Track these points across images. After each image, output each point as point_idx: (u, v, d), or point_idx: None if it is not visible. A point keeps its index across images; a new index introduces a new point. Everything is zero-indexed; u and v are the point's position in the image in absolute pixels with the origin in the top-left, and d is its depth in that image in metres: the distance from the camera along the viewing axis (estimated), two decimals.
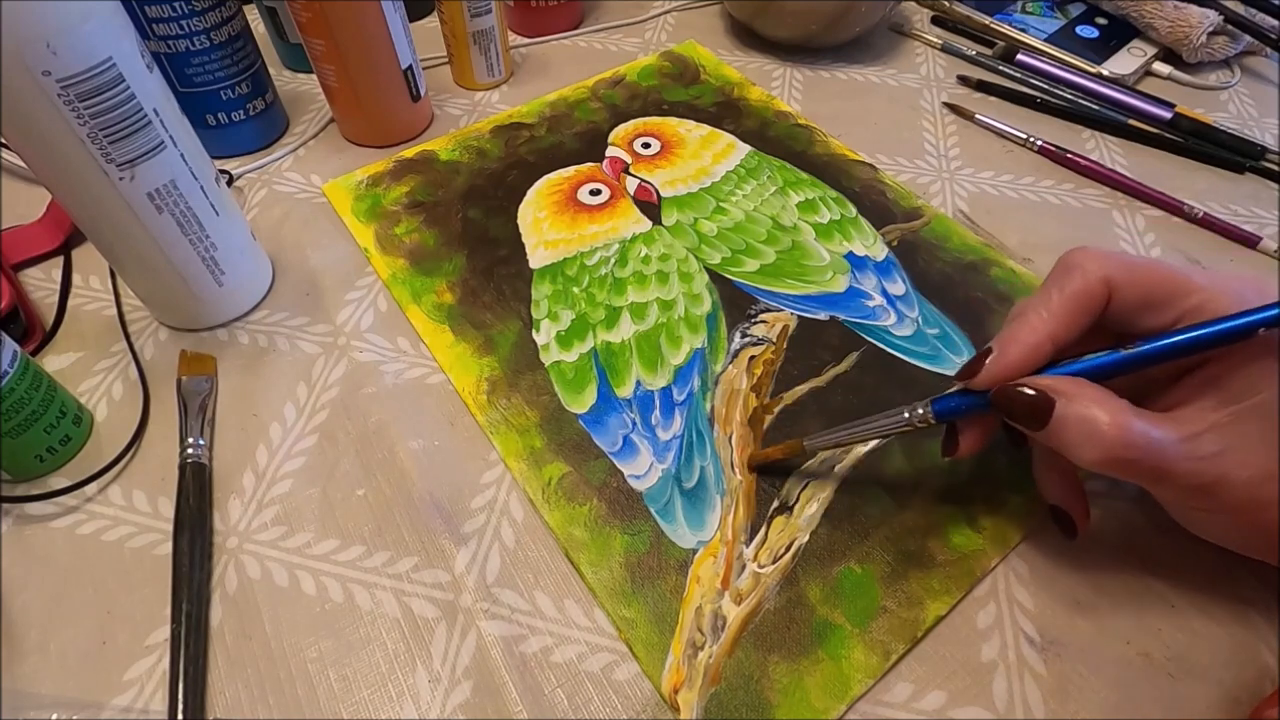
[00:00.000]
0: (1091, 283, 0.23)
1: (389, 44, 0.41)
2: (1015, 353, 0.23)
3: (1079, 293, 0.23)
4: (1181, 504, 0.23)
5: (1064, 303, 0.23)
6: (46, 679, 0.25)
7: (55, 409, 0.30)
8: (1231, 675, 0.24)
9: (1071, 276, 0.24)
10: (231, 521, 0.29)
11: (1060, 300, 0.23)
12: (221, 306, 0.35)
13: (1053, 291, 0.24)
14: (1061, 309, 0.23)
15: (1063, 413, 0.21)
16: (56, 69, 0.25)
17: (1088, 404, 0.21)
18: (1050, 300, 0.24)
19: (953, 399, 0.24)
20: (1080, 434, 0.21)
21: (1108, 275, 0.23)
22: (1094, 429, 0.21)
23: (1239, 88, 0.48)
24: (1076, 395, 0.22)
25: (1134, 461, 0.21)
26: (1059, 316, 0.23)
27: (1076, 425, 0.21)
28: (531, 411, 0.32)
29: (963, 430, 0.25)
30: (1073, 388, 0.22)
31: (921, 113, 0.47)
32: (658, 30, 0.55)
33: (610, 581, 0.27)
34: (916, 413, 0.25)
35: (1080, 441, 0.21)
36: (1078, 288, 0.23)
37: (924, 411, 0.24)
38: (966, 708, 0.24)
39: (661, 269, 0.37)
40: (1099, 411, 0.21)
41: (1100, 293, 0.23)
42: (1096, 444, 0.21)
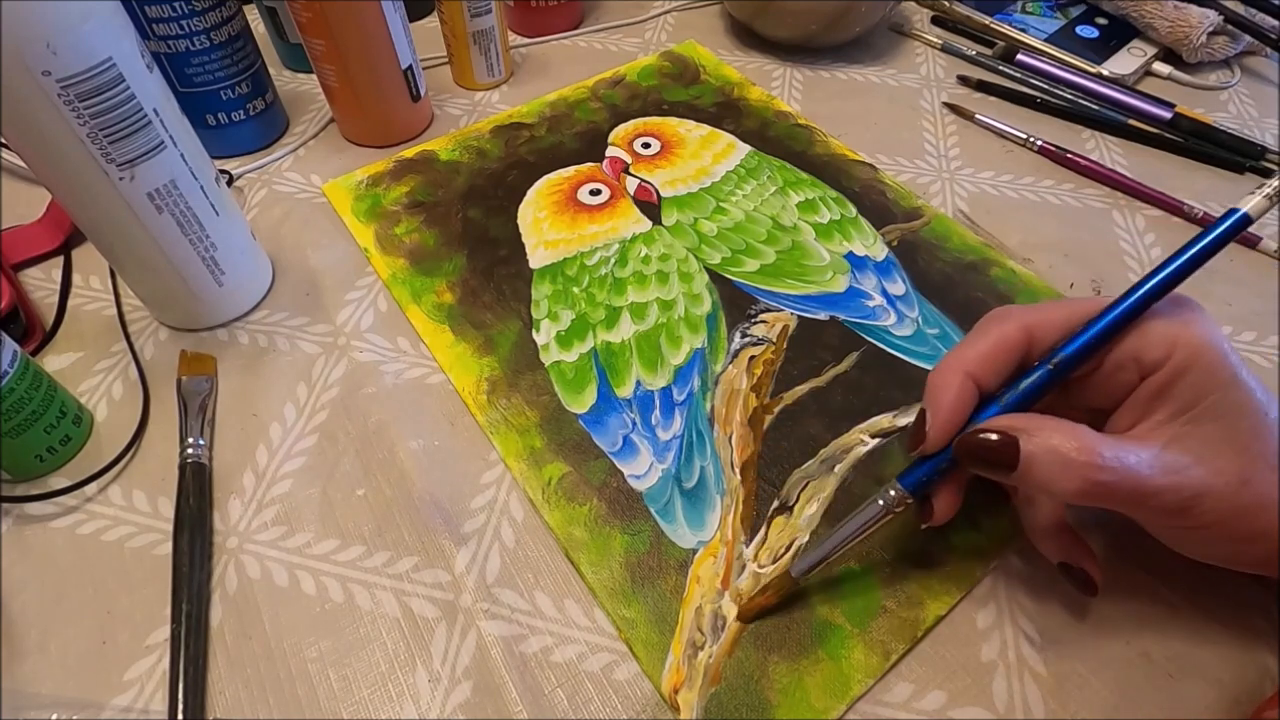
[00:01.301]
0: (1008, 328, 0.24)
1: (389, 44, 0.41)
2: (946, 399, 0.23)
3: (996, 337, 0.24)
4: (1164, 524, 0.23)
5: (982, 347, 0.24)
6: (46, 679, 0.25)
7: (55, 409, 0.30)
8: (1231, 675, 0.24)
9: (988, 325, 0.24)
10: (231, 521, 0.29)
11: (978, 346, 0.24)
12: (221, 306, 0.35)
13: (970, 340, 0.24)
14: (978, 354, 0.23)
15: (1028, 449, 0.21)
16: (56, 69, 0.25)
17: (1050, 434, 0.21)
18: (967, 348, 0.24)
19: (919, 469, 0.24)
20: (1051, 467, 0.21)
21: (1025, 323, 0.24)
22: (1064, 458, 0.21)
23: (1239, 88, 0.48)
24: (1037, 428, 0.21)
25: (1111, 485, 0.21)
26: (976, 360, 0.23)
27: (1045, 458, 0.21)
28: (531, 411, 0.32)
29: (935, 496, 0.24)
30: (1030, 422, 0.22)
31: (921, 113, 0.47)
32: (658, 30, 0.55)
33: (610, 581, 0.27)
34: (890, 496, 0.24)
35: (1053, 475, 0.21)
36: (994, 333, 0.24)
37: (897, 494, 0.24)
38: (966, 708, 0.24)
39: (661, 269, 0.37)
40: (1064, 440, 0.21)
41: (1017, 338, 0.24)
42: (1070, 473, 0.21)
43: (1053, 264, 0.37)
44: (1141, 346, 0.22)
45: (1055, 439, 0.21)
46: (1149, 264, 0.38)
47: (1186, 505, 0.21)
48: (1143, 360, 0.22)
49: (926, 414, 0.24)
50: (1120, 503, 0.21)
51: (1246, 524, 0.21)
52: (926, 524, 0.25)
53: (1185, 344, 0.22)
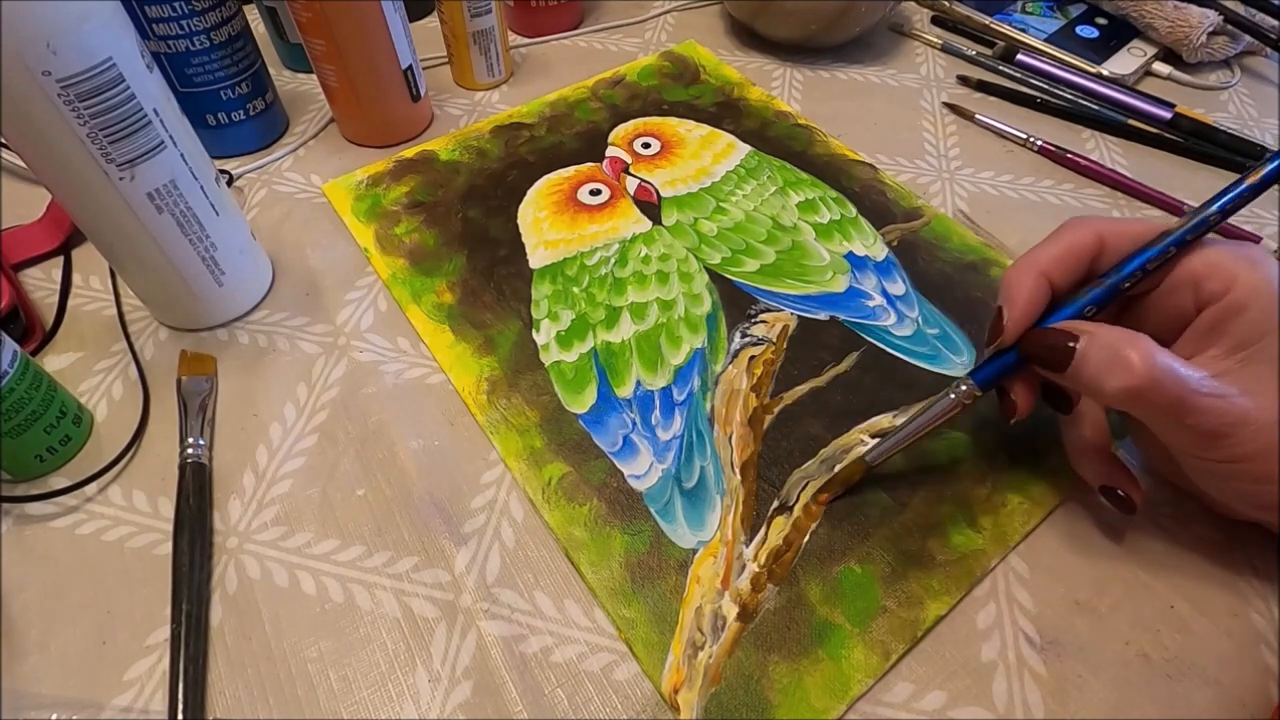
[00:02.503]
0: (1082, 233, 0.25)
1: (389, 44, 0.41)
2: (1022, 295, 0.25)
3: (1071, 241, 0.25)
4: (1195, 450, 0.23)
5: (1056, 249, 0.25)
6: (46, 679, 0.25)
7: (55, 409, 0.30)
8: (1230, 676, 0.24)
9: (1064, 230, 0.26)
10: (231, 521, 0.29)
11: (1053, 247, 0.25)
12: (221, 306, 0.35)
13: (1045, 244, 0.26)
14: (1052, 254, 0.25)
15: (1086, 347, 0.22)
16: (56, 69, 0.25)
17: (1109, 334, 0.22)
18: (1042, 249, 0.26)
19: (989, 366, 0.26)
20: (1105, 365, 0.22)
21: (1099, 231, 0.25)
22: (1120, 359, 0.21)
23: (1239, 88, 0.48)
24: (1099, 331, 0.22)
25: (1160, 391, 0.21)
26: (1049, 260, 0.25)
27: (1100, 355, 0.22)
28: (531, 411, 0.32)
29: (1013, 391, 0.26)
30: (1093, 327, 0.23)
31: (921, 113, 0.47)
32: (658, 30, 0.55)
33: (610, 581, 0.27)
34: (961, 390, 0.26)
35: (1105, 373, 0.22)
36: (1070, 237, 0.25)
37: (968, 387, 0.26)
38: (966, 708, 0.24)
39: (661, 269, 0.37)
40: (1123, 342, 0.22)
41: (1091, 242, 0.25)
42: (1123, 372, 0.21)
43: None
44: (1203, 273, 0.23)
45: (1112, 337, 0.22)
46: None
47: (1225, 431, 0.21)
48: (1201, 288, 0.23)
49: (1003, 309, 0.25)
50: (1163, 411, 0.22)
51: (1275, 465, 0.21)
52: (1012, 418, 0.26)
53: (1246, 282, 0.23)
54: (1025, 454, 0.30)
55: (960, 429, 0.31)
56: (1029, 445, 0.30)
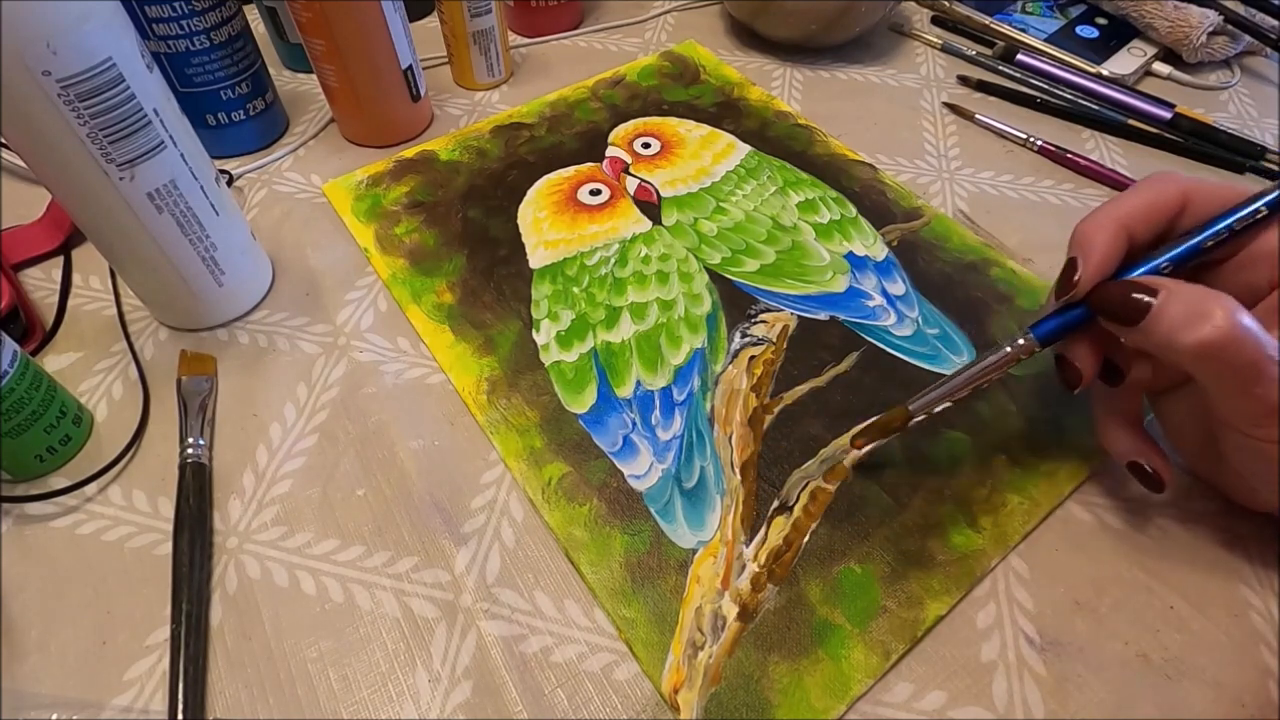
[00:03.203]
0: (1168, 188, 0.24)
1: (389, 44, 0.41)
2: (1099, 246, 0.23)
3: (1154, 195, 0.24)
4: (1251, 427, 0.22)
5: (1138, 202, 0.24)
6: (46, 679, 0.25)
7: (55, 409, 0.30)
8: (1230, 676, 0.24)
9: (1148, 183, 0.24)
10: (231, 521, 0.29)
11: (1135, 200, 0.24)
12: (221, 306, 0.35)
13: (1128, 194, 0.24)
14: (1134, 206, 0.24)
15: (1165, 300, 0.21)
16: (56, 69, 0.25)
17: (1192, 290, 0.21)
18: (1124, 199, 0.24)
19: (1051, 320, 0.24)
20: (1186, 317, 0.21)
21: (1184, 189, 0.24)
22: (1202, 311, 0.21)
23: (1239, 88, 0.48)
24: (1178, 286, 0.21)
25: (1238, 350, 0.20)
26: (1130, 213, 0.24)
27: (1180, 309, 0.21)
28: (531, 411, 0.32)
29: (1076, 357, 0.25)
30: (1171, 282, 0.22)
31: (921, 113, 0.47)
32: (658, 30, 0.55)
33: (610, 581, 0.27)
34: (1019, 344, 0.24)
35: (1185, 325, 0.21)
36: (1155, 190, 0.24)
37: (1026, 341, 0.24)
38: (966, 708, 0.24)
39: (661, 269, 0.37)
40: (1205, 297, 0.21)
41: (1174, 199, 0.24)
42: (1205, 325, 0.20)
43: (1053, 264, 0.37)
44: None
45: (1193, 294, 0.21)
46: None
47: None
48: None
49: (1077, 261, 0.23)
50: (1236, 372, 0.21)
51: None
52: (1073, 387, 0.25)
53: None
54: (1025, 454, 0.30)
55: (960, 429, 0.31)
56: (1029, 445, 0.30)
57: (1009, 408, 0.31)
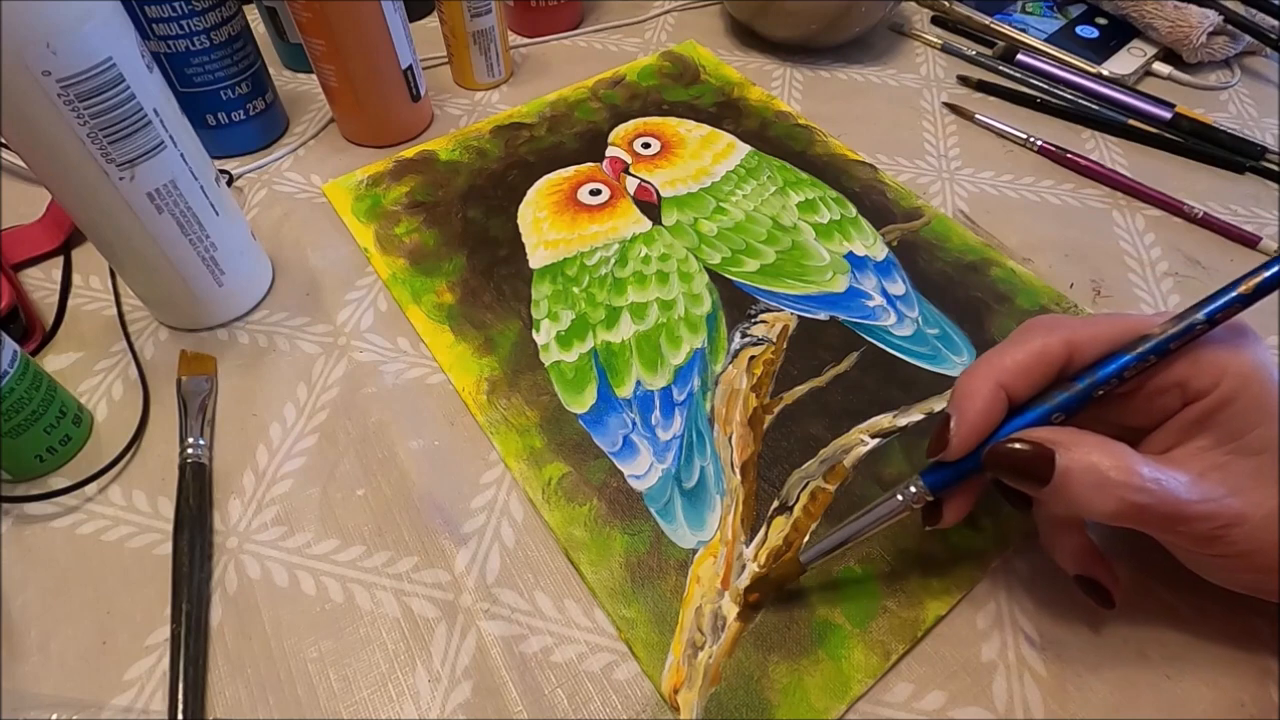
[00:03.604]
0: (1051, 341, 0.22)
1: (389, 44, 0.41)
2: (975, 407, 0.22)
3: (1037, 349, 0.22)
4: (1192, 550, 0.22)
5: (1020, 356, 0.22)
6: (46, 679, 0.25)
7: (55, 409, 0.30)
8: (1230, 677, 0.24)
9: (1031, 333, 0.23)
10: (231, 521, 0.29)
11: (1016, 355, 0.22)
12: (221, 306, 0.35)
13: (1009, 347, 0.23)
14: (1015, 362, 0.22)
15: (1065, 464, 0.20)
16: (56, 69, 0.25)
17: (1088, 450, 0.20)
18: (1004, 355, 0.23)
19: (944, 470, 0.23)
20: (1087, 484, 0.20)
21: (1068, 339, 0.22)
22: (1101, 477, 0.20)
23: (1239, 88, 0.48)
24: (1075, 444, 0.20)
25: (1147, 508, 0.20)
26: (1012, 370, 0.22)
27: (1082, 476, 0.20)
28: (531, 411, 0.32)
29: (946, 501, 0.23)
30: (1067, 436, 0.21)
31: (921, 113, 0.47)
32: (658, 30, 0.55)
33: (610, 581, 0.27)
34: (910, 492, 0.23)
35: (1087, 493, 0.20)
36: (1035, 344, 0.22)
37: (918, 490, 0.23)
38: (966, 708, 0.24)
39: (661, 269, 0.37)
40: (1102, 458, 0.20)
41: (1058, 351, 0.22)
42: (1107, 493, 0.20)
43: (1053, 264, 0.37)
44: (1189, 374, 0.21)
45: (1094, 456, 0.20)
46: (1149, 264, 0.38)
47: (1218, 534, 0.20)
48: (1188, 387, 0.21)
49: (952, 420, 0.22)
50: (1154, 525, 0.21)
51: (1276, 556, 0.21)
52: (932, 527, 0.24)
53: (1235, 372, 0.21)
54: None
55: None
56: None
57: None
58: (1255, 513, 0.20)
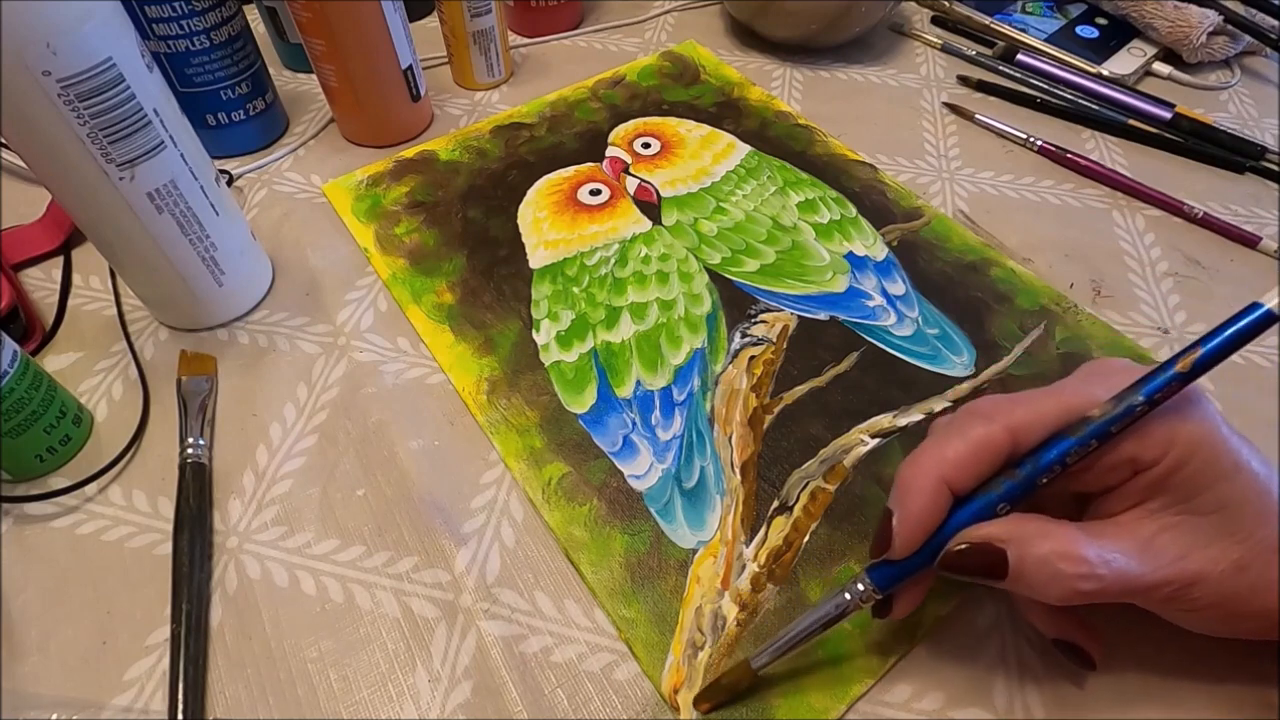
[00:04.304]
0: (993, 431, 0.22)
1: (389, 44, 0.41)
2: (916, 505, 0.22)
3: (979, 440, 0.22)
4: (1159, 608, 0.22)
5: (961, 449, 0.22)
6: (46, 679, 0.25)
7: (55, 409, 0.30)
8: (1230, 677, 0.24)
9: (971, 423, 0.22)
10: (231, 521, 0.29)
11: (957, 447, 0.22)
12: (221, 306, 0.35)
13: (950, 439, 0.22)
14: (958, 455, 0.22)
15: (1017, 560, 0.20)
16: (56, 69, 0.25)
17: (1037, 543, 0.20)
18: (944, 447, 0.22)
19: (892, 567, 0.22)
20: (1041, 577, 0.20)
21: (1010, 425, 0.22)
22: (1053, 570, 0.20)
23: (1239, 88, 0.48)
24: (1022, 537, 0.21)
25: (1101, 591, 0.20)
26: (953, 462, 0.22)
27: (1035, 569, 0.20)
28: (531, 411, 0.32)
29: (897, 595, 0.23)
30: (1014, 528, 0.21)
31: (921, 113, 0.47)
32: (658, 30, 0.55)
33: (610, 581, 0.27)
34: (858, 590, 0.22)
35: (1043, 585, 0.20)
36: (977, 435, 0.22)
37: (866, 588, 0.22)
38: (966, 708, 0.24)
39: (661, 269, 0.37)
40: (1052, 548, 0.20)
41: (1001, 441, 0.22)
42: (1060, 584, 0.20)
43: (1052, 264, 0.37)
44: (1137, 448, 0.21)
45: (1044, 548, 0.20)
46: (1149, 264, 0.38)
47: (1179, 595, 0.21)
48: (1138, 459, 0.21)
49: (894, 517, 0.22)
50: (1114, 599, 0.21)
51: (1242, 605, 0.21)
52: (881, 617, 0.24)
53: (1183, 439, 0.20)
54: None
55: None
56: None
57: None
58: (1213, 569, 0.20)
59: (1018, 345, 0.34)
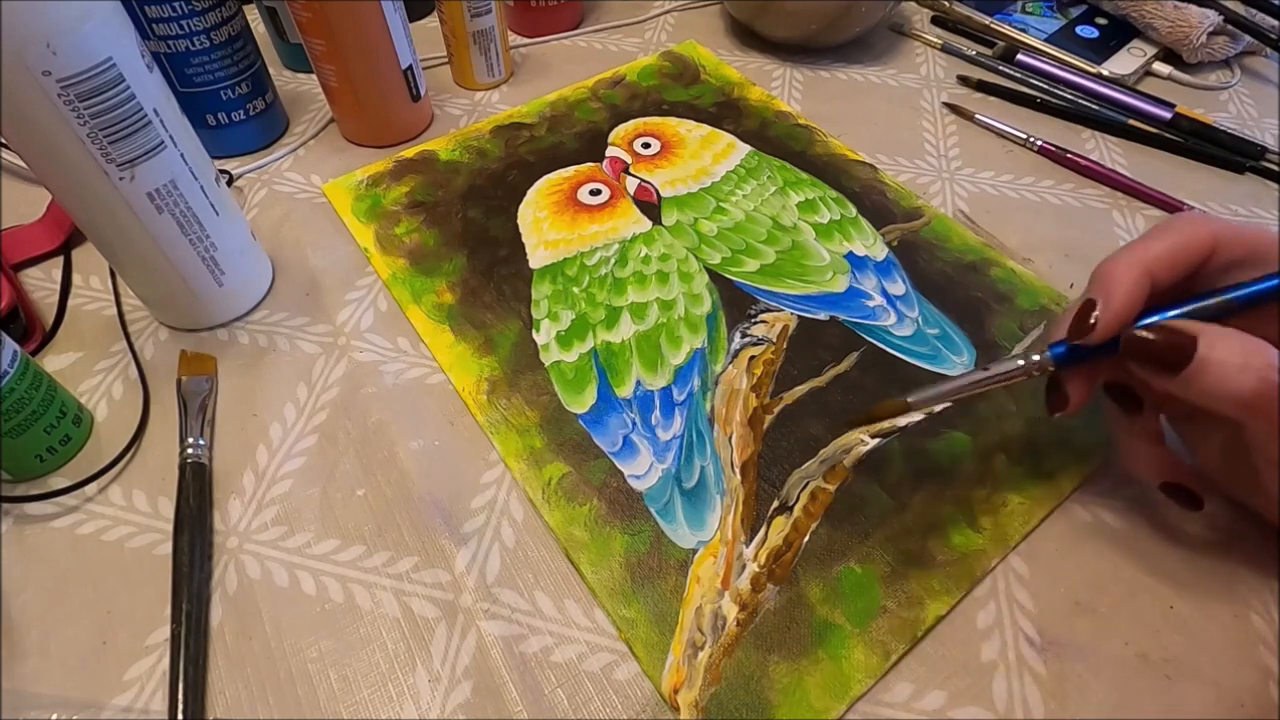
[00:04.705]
0: (1199, 232, 0.23)
1: (389, 44, 0.41)
2: (1122, 291, 0.22)
3: (1183, 239, 0.23)
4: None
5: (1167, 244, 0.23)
6: (46, 679, 0.25)
7: (55, 409, 0.30)
8: (1229, 677, 0.24)
9: (1178, 225, 0.23)
10: (231, 521, 0.29)
11: (1163, 242, 0.23)
12: (221, 306, 0.35)
13: (1155, 236, 0.23)
14: (1162, 250, 0.23)
15: (1209, 350, 0.21)
16: (56, 69, 0.25)
17: (1228, 341, 0.21)
18: (1150, 243, 0.23)
19: (1072, 350, 0.23)
20: (1228, 368, 0.20)
21: (1214, 231, 0.23)
22: (1244, 360, 0.20)
23: (1239, 88, 0.48)
24: (1213, 332, 0.21)
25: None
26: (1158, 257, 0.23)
27: (1222, 359, 0.20)
28: (531, 411, 0.32)
29: (1070, 383, 0.24)
30: (1207, 328, 0.21)
31: (921, 113, 0.47)
32: (658, 30, 0.55)
33: (610, 581, 0.27)
34: (1034, 360, 0.23)
35: (1228, 376, 0.20)
36: (1184, 234, 0.23)
37: (1042, 359, 0.23)
38: (966, 708, 0.24)
39: (661, 269, 0.37)
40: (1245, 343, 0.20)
41: (1204, 244, 0.23)
42: (1247, 375, 0.20)
43: (1053, 264, 0.37)
44: None
45: (1234, 343, 0.21)
46: None
47: None
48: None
49: (1097, 303, 0.23)
50: None
51: None
52: (1057, 413, 0.24)
53: None
54: (1025, 454, 0.30)
55: (960, 429, 0.31)
56: (1029, 445, 0.30)
57: (1009, 408, 0.31)
58: None
59: (1018, 345, 0.34)
